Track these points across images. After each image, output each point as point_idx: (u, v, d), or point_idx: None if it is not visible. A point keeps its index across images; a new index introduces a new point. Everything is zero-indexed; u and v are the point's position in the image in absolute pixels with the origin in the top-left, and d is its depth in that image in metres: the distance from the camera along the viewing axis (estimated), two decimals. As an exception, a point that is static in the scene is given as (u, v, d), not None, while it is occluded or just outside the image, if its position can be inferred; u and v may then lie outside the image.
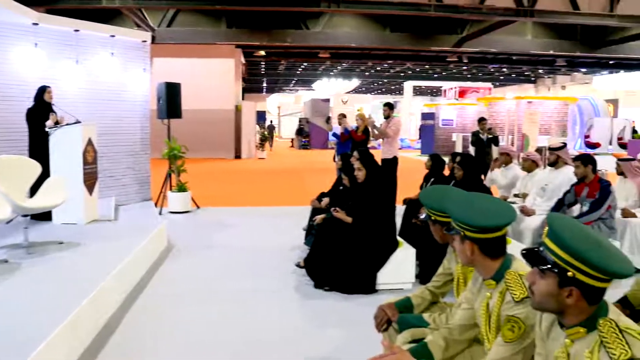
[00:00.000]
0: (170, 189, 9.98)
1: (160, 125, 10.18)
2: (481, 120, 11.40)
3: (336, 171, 9.80)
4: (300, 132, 33.77)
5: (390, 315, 3.07)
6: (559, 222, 1.87)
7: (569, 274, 1.77)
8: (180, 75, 14.82)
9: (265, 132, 28.05)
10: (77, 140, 7.01)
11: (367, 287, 5.50)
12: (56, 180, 6.37)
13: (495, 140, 10.89)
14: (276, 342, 4.38)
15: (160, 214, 9.26)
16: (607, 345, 1.71)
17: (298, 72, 40.91)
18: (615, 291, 3.82)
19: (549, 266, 1.82)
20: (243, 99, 27.41)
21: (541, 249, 1.88)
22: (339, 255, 5.53)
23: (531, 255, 1.90)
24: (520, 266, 2.32)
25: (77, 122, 7.10)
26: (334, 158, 11.75)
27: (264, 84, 50.10)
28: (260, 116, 34.96)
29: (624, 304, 3.54)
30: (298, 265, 6.19)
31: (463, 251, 2.41)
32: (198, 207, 10.24)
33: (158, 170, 10.65)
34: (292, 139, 35.13)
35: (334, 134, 11.74)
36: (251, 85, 45.85)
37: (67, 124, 7.08)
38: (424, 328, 2.85)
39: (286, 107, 52.36)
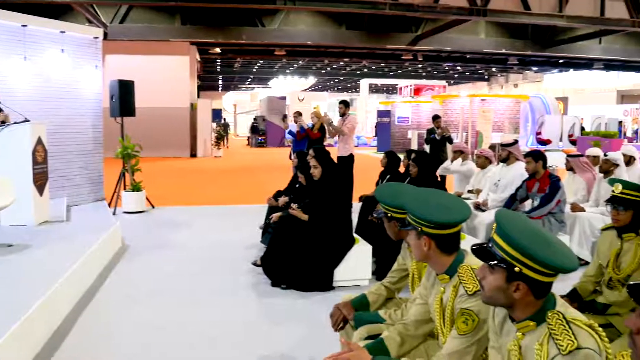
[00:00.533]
0: (125, 189, 9.82)
1: (114, 123, 10.00)
2: (436, 118, 11.54)
3: (292, 169, 9.82)
4: (254, 130, 33.54)
5: (346, 314, 3.10)
6: (506, 219, 1.92)
7: (516, 269, 1.82)
8: (134, 72, 14.56)
9: (221, 130, 27.79)
10: (26, 139, 6.83)
11: (324, 284, 5.53)
12: (4, 180, 6.19)
13: (449, 139, 11.06)
14: (233, 340, 4.37)
15: (114, 214, 9.10)
16: (555, 336, 1.77)
17: (254, 69, 40.72)
18: (564, 284, 3.95)
19: (497, 262, 1.87)
20: (198, 96, 27.15)
21: (490, 245, 1.93)
22: (296, 253, 5.54)
23: (481, 251, 1.95)
24: (473, 260, 2.36)
25: (26, 120, 6.92)
26: (290, 156, 11.75)
27: (220, 82, 49.70)
28: (216, 114, 34.64)
29: (573, 296, 3.67)
30: (254, 264, 6.17)
31: (419, 246, 2.45)
32: (153, 206, 10.10)
33: (111, 169, 10.47)
34: (248, 137, 34.95)
35: (290, 132, 11.73)
36: (207, 83, 45.43)
37: (14, 123, 6.89)
38: (380, 324, 2.89)
39: (242, 105, 52.11)
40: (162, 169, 17.51)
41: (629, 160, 7.90)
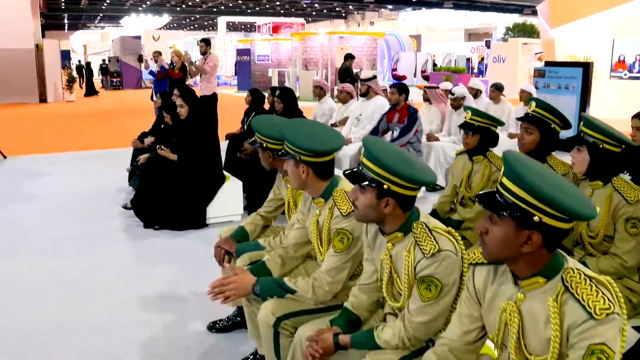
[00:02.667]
0: (-30, 138, 9.12)
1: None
2: (352, 57, 11.81)
3: (155, 110, 9.62)
4: (104, 71, 31.73)
5: (227, 248, 3.24)
6: (373, 144, 2.13)
7: (385, 186, 2.04)
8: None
9: (74, 73, 26.11)
10: None
11: (197, 222, 5.63)
12: None
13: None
14: (110, 286, 4.35)
15: (-41, 166, 8.47)
16: (420, 243, 2.05)
17: (103, 7, 38.47)
18: (426, 207, 4.34)
19: (368, 182, 2.08)
20: (43, 37, 25.24)
21: (360, 168, 2.13)
22: (167, 193, 5.55)
23: (352, 175, 2.15)
24: (346, 185, 2.59)
25: None
26: (152, 97, 11.47)
27: (66, 20, 46.39)
28: (65, 56, 32.39)
29: (433, 216, 4.06)
30: (125, 207, 6.11)
31: (297, 174, 2.61)
32: (4, 156, 9.47)
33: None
34: (102, 80, 33.16)
35: (151, 72, 11.38)
36: (51, 21, 42.20)
37: None
38: (261, 251, 3.07)
39: (93, 45, 49.09)
40: (9, 117, 16.28)
41: (476, 93, 8.58)
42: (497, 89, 8.51)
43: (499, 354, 1.87)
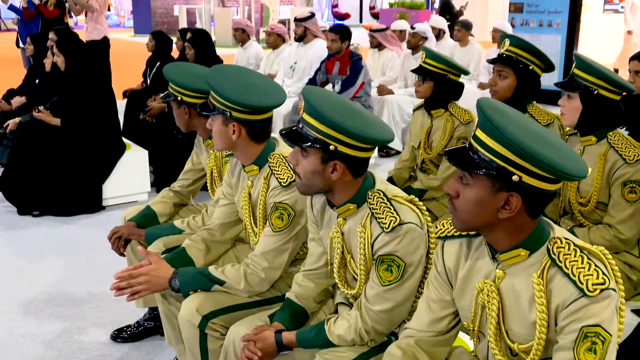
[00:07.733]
0: None
1: None
2: None
3: (24, 61, 9.41)
4: None
5: (125, 234, 3.26)
6: (314, 95, 2.16)
7: (331, 147, 2.09)
8: None
9: None
10: None
11: (91, 204, 5.60)
12: None
13: None
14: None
15: None
16: (378, 215, 2.12)
17: None
18: (382, 175, 4.45)
19: (311, 143, 2.12)
20: None
21: (301, 126, 2.17)
22: (48, 168, 5.48)
23: (291, 135, 2.18)
24: (285, 149, 2.62)
25: None
26: (17, 43, 11.17)
27: None
28: None
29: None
30: (-10, 189, 6.01)
31: (226, 134, 2.59)
32: None
33: None
34: None
35: (13, 8, 11.03)
36: None
37: None
38: (178, 235, 3.10)
39: None
40: None
41: (439, 34, 8.76)
42: (465, 27, 8.70)
43: (475, 346, 1.98)
